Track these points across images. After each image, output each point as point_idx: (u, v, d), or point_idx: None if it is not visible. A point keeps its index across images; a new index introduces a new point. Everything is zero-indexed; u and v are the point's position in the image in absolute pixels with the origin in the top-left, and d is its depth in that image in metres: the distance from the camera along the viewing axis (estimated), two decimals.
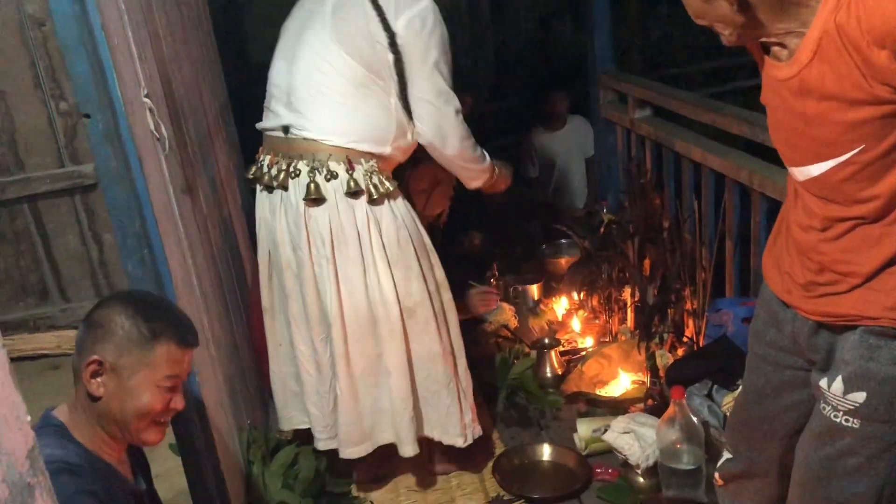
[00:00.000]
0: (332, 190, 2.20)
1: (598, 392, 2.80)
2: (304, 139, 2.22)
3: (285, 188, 2.26)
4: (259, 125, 2.39)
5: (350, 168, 2.19)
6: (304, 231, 2.25)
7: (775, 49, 1.45)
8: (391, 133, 2.24)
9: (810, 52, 1.36)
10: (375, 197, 2.20)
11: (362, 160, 2.21)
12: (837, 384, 1.53)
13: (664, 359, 2.73)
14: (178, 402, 1.53)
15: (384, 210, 2.24)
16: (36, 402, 1.43)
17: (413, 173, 2.70)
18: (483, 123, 5.61)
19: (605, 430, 2.46)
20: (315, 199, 2.20)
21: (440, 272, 2.39)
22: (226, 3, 4.24)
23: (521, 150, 4.65)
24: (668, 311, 2.82)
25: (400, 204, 2.29)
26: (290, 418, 2.54)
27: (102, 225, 3.47)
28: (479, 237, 4.01)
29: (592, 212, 3.65)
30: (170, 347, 1.50)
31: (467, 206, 3.88)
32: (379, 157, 2.24)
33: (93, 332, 1.48)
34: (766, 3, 1.35)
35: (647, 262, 2.93)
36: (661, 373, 2.69)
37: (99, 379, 1.45)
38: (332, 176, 2.19)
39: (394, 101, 2.22)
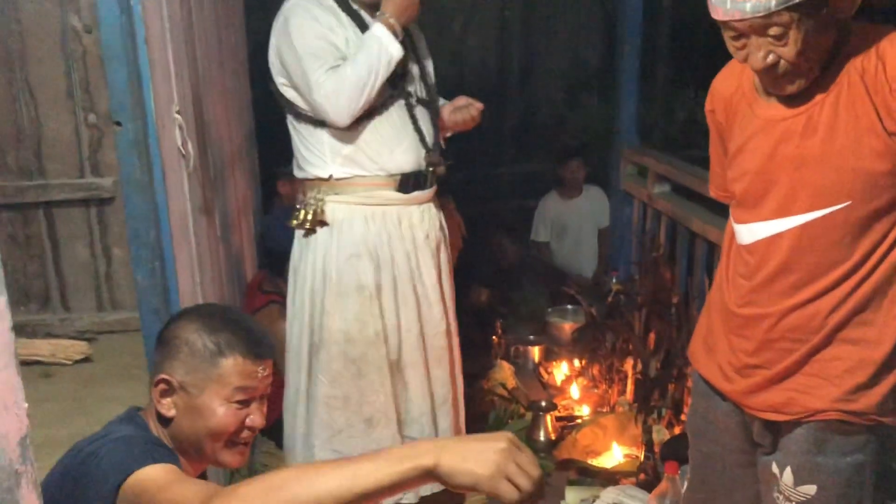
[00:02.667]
0: (309, 222, 2.29)
1: (590, 461, 2.76)
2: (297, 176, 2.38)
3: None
4: None
5: (302, 199, 2.29)
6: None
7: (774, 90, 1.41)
8: (325, 152, 2.23)
9: (824, 92, 1.35)
10: (308, 227, 2.26)
11: (311, 188, 2.27)
12: (787, 475, 1.50)
13: (660, 434, 2.69)
14: (257, 420, 1.41)
15: (316, 239, 2.28)
16: (31, 408, 1.41)
17: None
18: (504, 184, 5.66)
19: (594, 501, 2.42)
20: (307, 229, 2.30)
21: (374, 326, 2.29)
22: (263, 39, 4.32)
23: (535, 212, 4.68)
24: (669, 386, 2.79)
25: (333, 238, 2.26)
26: None
27: (114, 239, 3.47)
28: (485, 293, 4.00)
29: (601, 280, 3.65)
30: (237, 360, 1.39)
31: (476, 259, 3.89)
32: (331, 182, 2.25)
33: (161, 350, 1.42)
34: (820, 30, 1.30)
35: (652, 336, 2.92)
36: (657, 448, 2.65)
37: (168, 399, 1.38)
38: (306, 208, 2.27)
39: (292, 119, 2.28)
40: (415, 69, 2.31)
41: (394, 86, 2.22)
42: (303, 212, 2.25)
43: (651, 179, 3.39)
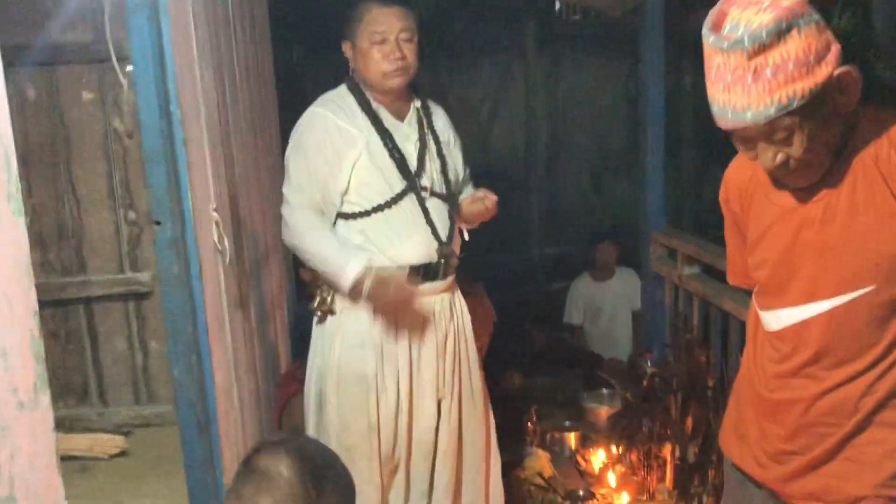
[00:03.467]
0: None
1: None
2: None
3: None
4: None
5: (316, 286, 2.32)
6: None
7: (790, 178, 1.42)
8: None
9: (840, 178, 1.37)
10: (319, 315, 2.30)
11: (322, 277, 2.30)
12: None
13: None
14: None
15: (323, 327, 2.31)
16: None
17: None
18: (533, 268, 5.69)
19: None
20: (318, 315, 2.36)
21: (370, 418, 2.26)
22: None
23: (567, 296, 4.67)
24: (710, 471, 2.72)
25: (339, 327, 2.28)
26: None
27: (151, 333, 3.54)
28: (519, 378, 3.97)
29: (636, 363, 3.61)
30: None
31: (509, 343, 3.88)
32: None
33: (256, 479, 1.39)
34: (824, 126, 1.33)
35: (689, 420, 2.87)
36: None
37: None
38: (311, 297, 2.34)
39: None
40: (435, 164, 2.33)
41: (407, 180, 2.24)
42: (317, 299, 2.30)
43: (681, 261, 3.39)
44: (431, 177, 2.31)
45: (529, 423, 3.56)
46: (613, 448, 3.28)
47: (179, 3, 1.89)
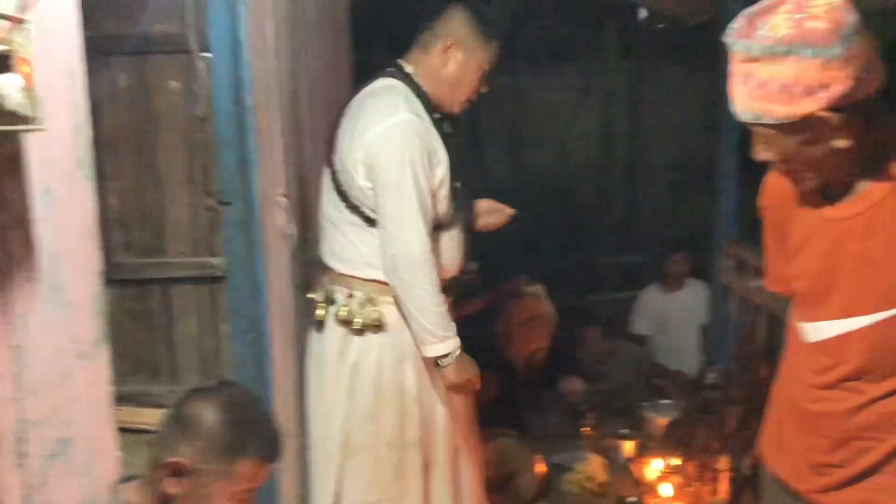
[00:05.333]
0: (331, 315, 2.17)
1: None
2: (325, 264, 2.24)
3: None
4: None
5: (350, 296, 2.14)
6: (308, 356, 2.28)
7: (837, 188, 1.41)
8: (370, 254, 2.13)
9: (883, 192, 1.35)
10: (357, 328, 2.11)
11: (363, 289, 2.14)
12: None
13: None
14: None
15: (364, 343, 2.14)
16: (129, 473, 1.48)
17: (514, 305, 2.75)
18: (601, 275, 5.65)
19: None
20: (318, 322, 2.19)
21: (413, 431, 2.20)
22: None
23: (635, 305, 4.63)
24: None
25: (385, 342, 2.15)
26: None
27: (223, 315, 3.64)
28: (579, 384, 3.96)
29: (698, 375, 3.57)
30: (254, 462, 1.43)
31: (571, 350, 3.87)
32: (387, 284, 2.11)
33: (180, 426, 1.42)
34: (863, 145, 1.33)
35: (747, 433, 2.82)
36: None
37: (176, 479, 1.39)
38: (330, 301, 2.17)
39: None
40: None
41: (458, 206, 2.21)
42: (346, 310, 2.14)
43: (750, 274, 3.33)
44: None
45: (586, 429, 3.55)
46: (669, 458, 3.24)
47: None
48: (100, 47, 3.26)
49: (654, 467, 3.30)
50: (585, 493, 3.10)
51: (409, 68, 2.18)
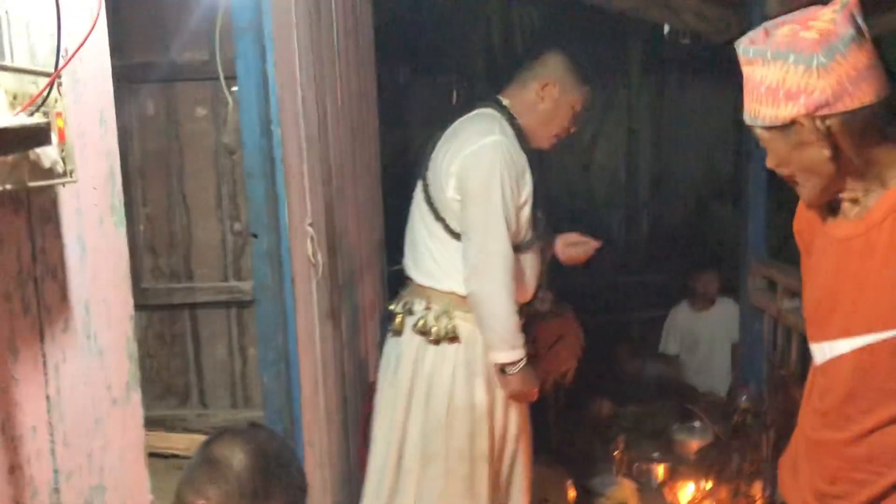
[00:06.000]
0: (409, 325, 2.32)
1: None
2: (413, 280, 2.39)
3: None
4: None
5: (427, 308, 2.29)
6: (385, 360, 2.42)
7: (846, 205, 1.42)
8: (451, 267, 2.29)
9: (884, 212, 1.34)
10: (433, 338, 2.26)
11: (441, 300, 2.28)
12: None
13: None
14: None
15: (439, 353, 2.27)
16: (162, 499, 1.49)
17: (542, 325, 2.73)
18: (630, 294, 5.60)
19: None
20: (396, 331, 2.35)
21: (483, 443, 2.29)
22: (397, 152, 4.57)
23: (664, 324, 4.59)
24: None
25: (461, 354, 2.28)
26: None
27: (250, 340, 3.67)
28: (608, 406, 3.92)
29: (731, 397, 3.51)
30: None
31: (600, 370, 3.84)
32: (464, 297, 2.26)
33: (208, 468, 1.41)
34: (854, 157, 1.34)
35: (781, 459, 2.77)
36: None
37: None
38: (410, 313, 2.32)
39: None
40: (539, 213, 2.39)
41: (535, 230, 2.35)
42: (423, 320, 2.29)
43: (780, 294, 3.28)
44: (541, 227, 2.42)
45: (617, 452, 3.51)
46: (702, 483, 3.20)
47: (284, 28, 1.99)
48: (129, 76, 3.31)
49: (686, 492, 3.26)
50: None
51: (505, 101, 2.36)
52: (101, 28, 1.01)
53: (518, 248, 2.27)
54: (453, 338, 2.26)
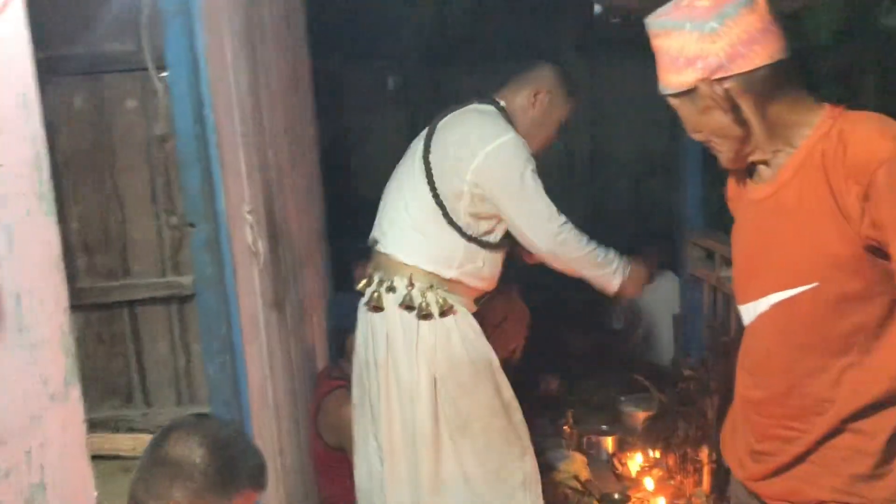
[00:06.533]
0: (392, 301, 2.34)
1: None
2: (382, 253, 2.42)
3: (363, 293, 2.47)
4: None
5: (410, 285, 2.32)
6: (370, 336, 2.40)
7: (761, 168, 1.47)
8: (456, 258, 2.35)
9: (792, 172, 1.39)
10: (426, 313, 2.30)
11: (424, 279, 2.33)
12: None
13: None
14: None
15: (438, 326, 2.31)
16: (108, 502, 1.44)
17: (488, 305, 2.75)
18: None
19: None
20: (375, 306, 2.36)
21: (508, 392, 2.42)
22: (335, 139, 4.52)
23: (607, 300, 4.64)
24: None
25: (461, 322, 2.36)
26: None
27: (193, 335, 3.60)
28: (555, 381, 3.96)
29: (673, 367, 3.58)
30: (247, 494, 1.44)
31: (547, 347, 3.87)
32: (446, 280, 2.35)
33: (168, 471, 1.39)
34: (759, 119, 1.39)
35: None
36: None
37: None
38: (391, 289, 2.34)
39: (464, 230, 2.36)
40: None
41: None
42: (412, 296, 2.33)
43: (719, 263, 3.35)
44: None
45: (566, 427, 3.55)
46: (650, 452, 3.26)
47: (214, 11, 1.94)
48: (52, 68, 3.19)
49: (635, 462, 3.31)
50: (570, 492, 3.10)
51: (502, 103, 2.44)
52: (16, 1, 0.97)
53: (496, 247, 2.42)
54: (447, 310, 2.33)
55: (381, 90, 5.38)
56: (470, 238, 2.36)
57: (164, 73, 1.88)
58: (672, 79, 1.41)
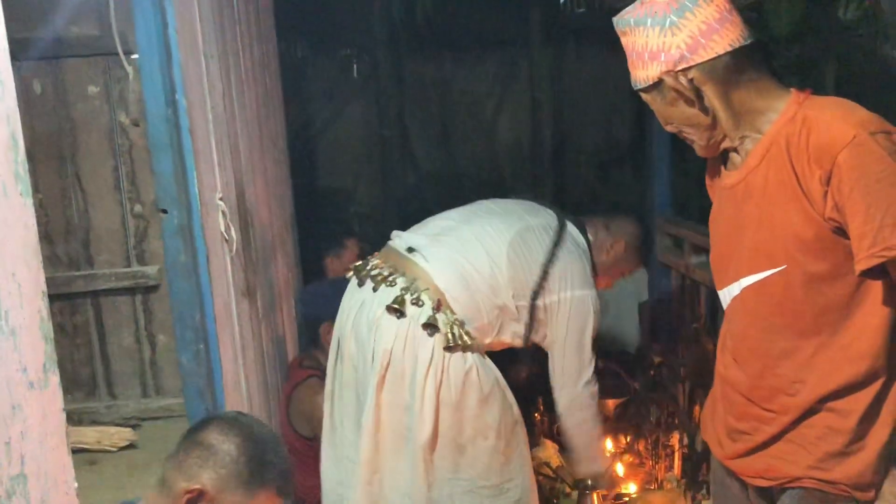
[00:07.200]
0: (412, 314, 2.15)
1: None
2: (418, 264, 2.23)
3: (375, 289, 2.23)
4: (389, 241, 2.42)
5: (436, 308, 2.15)
6: (371, 336, 2.18)
7: (732, 155, 1.50)
8: (491, 327, 2.24)
9: (759, 157, 1.42)
10: (451, 345, 2.13)
11: (450, 312, 2.17)
12: None
13: None
14: None
15: (455, 357, 2.15)
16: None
17: None
18: None
19: None
20: (396, 308, 2.15)
21: (516, 409, 2.38)
22: (302, 127, 4.47)
23: None
24: None
25: (478, 357, 2.21)
26: None
27: (158, 326, 3.54)
28: (526, 370, 3.97)
29: (643, 353, 3.61)
30: (270, 495, 1.46)
31: None
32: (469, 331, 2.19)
33: (202, 453, 1.42)
34: (724, 106, 1.42)
35: (696, 409, 2.86)
36: None
37: None
38: (417, 303, 2.16)
39: (517, 323, 2.31)
40: None
41: None
42: (447, 332, 2.16)
43: (687, 250, 3.38)
44: None
45: (537, 414, 3.56)
46: (621, 438, 3.28)
47: None
48: (12, 52, 3.11)
49: (606, 447, 3.33)
50: (541, 479, 3.11)
51: (590, 236, 2.51)
52: None
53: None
54: (467, 347, 2.16)
55: (346, 78, 5.33)
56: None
57: (134, 56, 1.84)
58: (640, 74, 1.47)
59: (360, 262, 2.40)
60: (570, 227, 2.41)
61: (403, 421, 2.21)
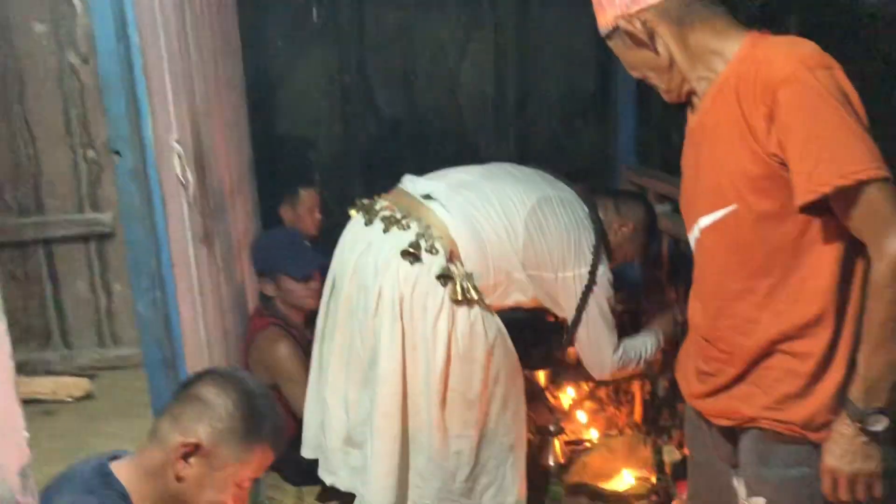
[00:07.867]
0: (427, 261, 2.08)
1: (601, 485, 2.71)
2: (434, 211, 2.16)
3: (386, 230, 2.15)
4: (401, 185, 2.35)
5: (450, 259, 2.09)
6: (378, 280, 2.08)
7: (693, 99, 1.51)
8: (495, 289, 2.20)
9: (712, 98, 1.43)
10: (459, 298, 2.06)
11: (461, 264, 2.12)
12: (741, 487, 1.54)
13: (671, 455, 2.66)
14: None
15: (462, 309, 2.09)
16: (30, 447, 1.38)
17: None
18: None
19: None
20: (411, 253, 2.06)
21: (514, 356, 2.37)
22: (260, 73, 4.33)
23: None
24: (679, 405, 2.75)
25: (485, 310, 2.15)
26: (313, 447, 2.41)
27: (114, 274, 3.46)
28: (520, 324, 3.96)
29: None
30: (265, 450, 1.47)
31: None
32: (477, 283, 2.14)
33: (198, 407, 1.42)
34: (680, 48, 1.43)
35: (658, 355, 2.88)
36: (668, 469, 2.61)
37: (189, 460, 1.40)
38: (432, 250, 2.08)
39: (525, 285, 2.28)
40: None
41: None
42: (458, 286, 2.08)
43: (652, 199, 3.38)
44: None
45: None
46: (582, 385, 3.30)
47: None
48: None
49: (567, 394, 3.36)
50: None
51: (601, 214, 2.46)
52: None
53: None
54: (474, 301, 2.10)
55: (305, 23, 5.19)
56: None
57: None
58: (601, 20, 1.50)
59: (366, 201, 2.32)
60: (582, 203, 2.39)
61: (419, 373, 2.12)
